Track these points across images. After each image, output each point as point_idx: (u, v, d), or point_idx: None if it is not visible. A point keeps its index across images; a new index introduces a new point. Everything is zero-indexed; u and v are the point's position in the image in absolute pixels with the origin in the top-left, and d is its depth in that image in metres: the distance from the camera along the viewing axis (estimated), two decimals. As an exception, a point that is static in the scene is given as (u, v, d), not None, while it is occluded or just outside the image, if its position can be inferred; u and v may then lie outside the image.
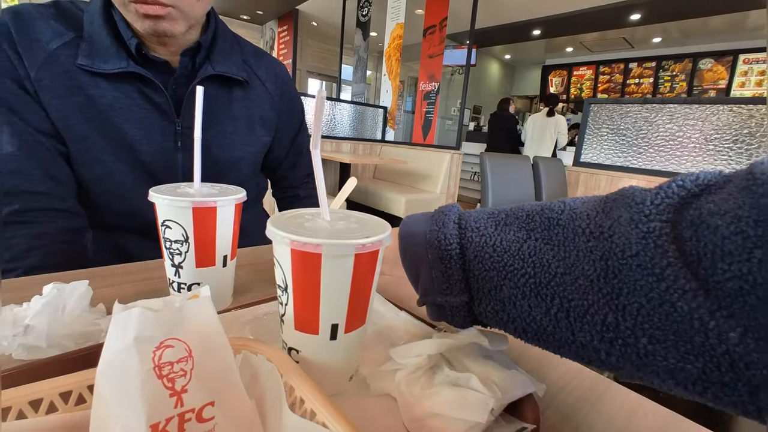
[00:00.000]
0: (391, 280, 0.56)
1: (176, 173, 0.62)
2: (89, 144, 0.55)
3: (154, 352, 0.20)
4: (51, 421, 0.20)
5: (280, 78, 0.73)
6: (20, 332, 0.29)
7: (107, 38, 0.53)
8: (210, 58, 0.61)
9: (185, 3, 0.53)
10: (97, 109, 0.54)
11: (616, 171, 2.24)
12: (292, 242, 0.24)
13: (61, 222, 0.55)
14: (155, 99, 0.57)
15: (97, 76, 0.54)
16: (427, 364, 0.31)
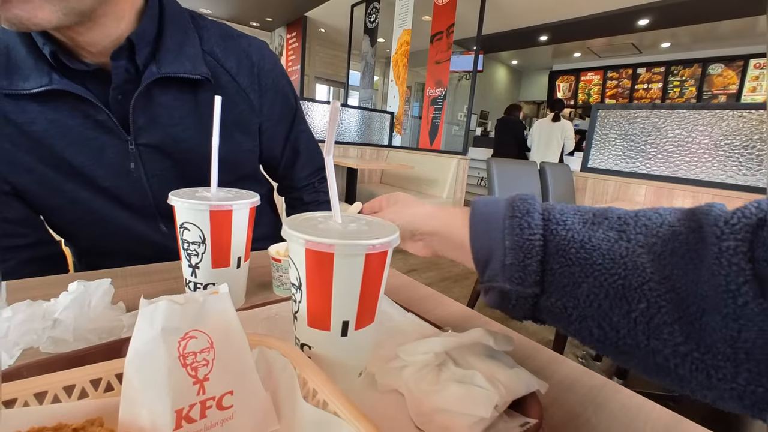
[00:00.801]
0: (403, 283, 0.57)
1: (145, 194, 0.56)
2: (38, 176, 0.50)
3: (179, 343, 0.22)
4: (84, 406, 0.22)
5: (257, 67, 0.60)
6: (49, 326, 0.30)
7: (23, 48, 0.44)
8: (155, 55, 0.49)
9: None
10: (31, 138, 0.47)
11: (624, 177, 2.23)
12: (306, 242, 0.25)
13: (25, 255, 0.54)
14: (96, 117, 0.48)
15: (21, 99, 0.46)
16: (434, 362, 0.32)
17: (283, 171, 0.75)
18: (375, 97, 5.09)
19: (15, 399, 0.21)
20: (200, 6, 5.83)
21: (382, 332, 0.39)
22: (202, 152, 0.55)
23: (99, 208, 0.55)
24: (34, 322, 0.30)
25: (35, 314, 0.30)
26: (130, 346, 0.22)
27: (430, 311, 0.48)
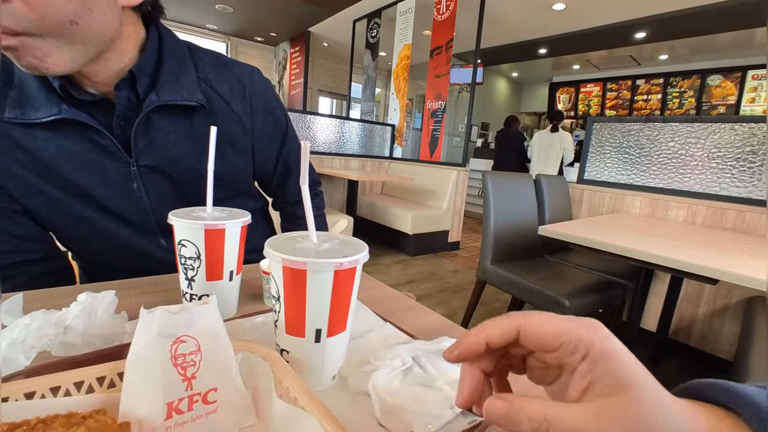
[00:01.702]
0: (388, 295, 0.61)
1: (146, 212, 0.60)
2: (48, 198, 0.54)
3: (171, 346, 0.26)
4: (91, 399, 0.26)
5: (248, 91, 0.64)
6: (61, 332, 0.34)
7: (35, 81, 0.49)
8: (155, 85, 0.53)
9: (48, 28, 0.41)
10: (42, 163, 0.51)
11: (620, 189, 2.26)
12: (283, 260, 0.29)
13: (35, 269, 0.58)
14: (101, 142, 0.52)
15: (32, 128, 0.49)
16: (401, 367, 0.36)
17: (275, 187, 0.78)
18: (377, 109, 5.18)
19: (34, 392, 0.25)
20: (207, 22, 5.98)
21: (359, 340, 0.43)
22: (197, 171, 0.60)
23: (103, 225, 0.59)
24: (48, 329, 0.34)
25: (49, 322, 0.34)
26: (130, 348, 0.26)
27: (408, 321, 0.51)
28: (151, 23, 0.56)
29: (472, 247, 3.90)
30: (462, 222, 3.74)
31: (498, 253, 1.77)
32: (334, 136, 3.77)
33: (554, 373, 0.23)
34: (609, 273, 1.78)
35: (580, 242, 1.22)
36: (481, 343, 0.23)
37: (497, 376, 0.25)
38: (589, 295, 1.50)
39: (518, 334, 0.22)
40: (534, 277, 1.61)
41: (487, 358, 0.24)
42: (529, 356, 0.24)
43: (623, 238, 1.26)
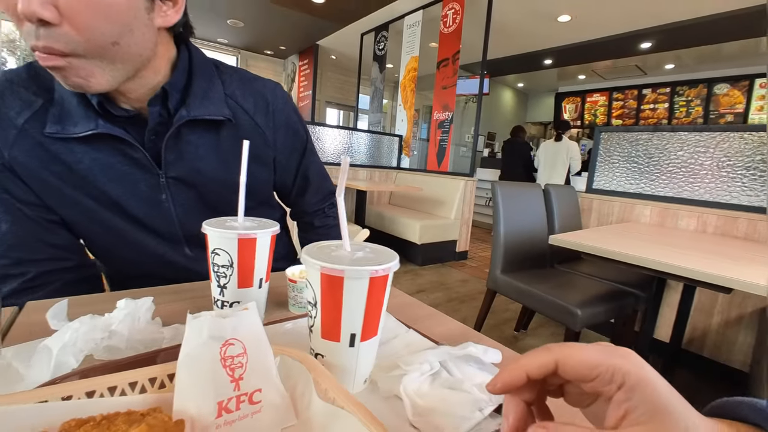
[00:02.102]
0: (408, 303, 0.62)
1: (172, 222, 0.63)
2: (83, 208, 0.57)
3: (221, 348, 0.28)
4: (145, 398, 0.27)
5: (271, 106, 0.67)
6: (106, 336, 0.36)
7: (74, 98, 0.51)
8: (185, 100, 0.56)
9: (92, 49, 0.44)
10: (78, 175, 0.54)
11: (629, 198, 2.26)
12: (322, 267, 0.31)
13: (69, 276, 0.60)
14: (133, 155, 0.55)
15: (70, 142, 0.52)
16: (429, 371, 0.37)
17: (294, 198, 0.81)
18: (384, 119, 5.24)
19: (94, 391, 0.27)
20: (218, 36, 6.13)
21: (385, 346, 0.44)
22: (222, 182, 0.63)
23: (132, 235, 0.62)
24: (95, 333, 0.36)
25: (96, 326, 0.36)
26: (181, 351, 0.28)
27: (430, 328, 0.52)
28: (181, 42, 0.59)
29: (481, 257, 3.89)
30: (470, 231, 3.74)
31: (508, 263, 1.77)
32: (342, 147, 3.82)
33: (591, 398, 0.24)
34: (620, 282, 1.77)
35: (592, 251, 1.22)
36: (522, 377, 0.24)
37: (537, 402, 0.26)
38: (600, 305, 1.50)
39: (556, 366, 0.23)
40: (544, 286, 1.60)
41: (528, 389, 0.25)
42: (567, 383, 0.25)
43: (635, 247, 1.27)
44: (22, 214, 0.54)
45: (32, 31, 0.40)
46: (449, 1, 3.76)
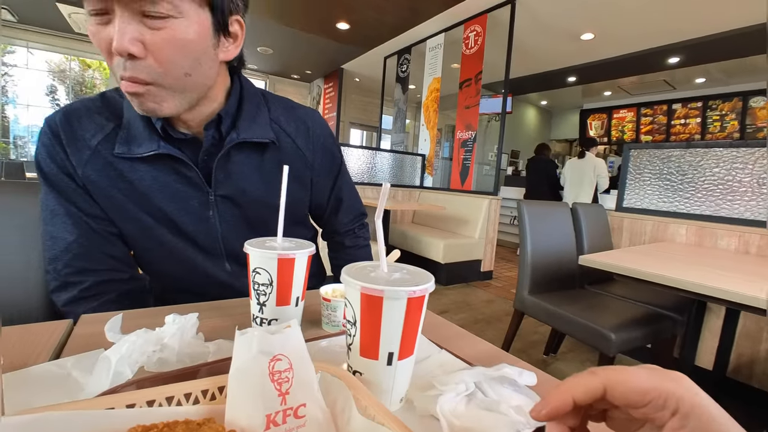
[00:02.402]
0: (437, 323, 0.63)
1: (216, 238, 0.67)
2: (141, 223, 0.62)
3: (269, 363, 0.29)
4: (198, 409, 0.29)
5: (311, 131, 0.73)
6: (158, 349, 0.39)
7: (140, 122, 0.58)
8: (236, 125, 0.62)
9: (169, 79, 0.50)
10: (139, 192, 0.60)
11: (662, 216, 2.18)
12: (362, 287, 0.33)
13: (123, 288, 0.64)
14: (187, 174, 0.61)
15: (135, 161, 0.58)
16: (465, 391, 0.37)
17: (327, 217, 0.85)
18: (406, 139, 5.31)
19: (154, 400, 0.29)
20: (248, 62, 6.45)
21: (418, 365, 0.45)
22: (262, 202, 0.68)
23: (180, 250, 0.66)
24: (148, 346, 0.38)
25: (149, 339, 0.39)
26: (232, 364, 0.30)
27: (461, 349, 0.53)
28: (234, 74, 0.66)
29: (506, 277, 3.81)
30: (495, 251, 3.69)
31: (536, 284, 1.73)
32: (366, 167, 3.88)
33: (638, 424, 0.23)
34: (656, 305, 1.70)
35: (626, 273, 1.18)
36: (569, 402, 0.23)
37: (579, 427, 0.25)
38: (635, 329, 1.43)
39: (605, 391, 0.23)
40: (575, 308, 1.56)
41: (572, 415, 0.24)
42: (612, 408, 0.24)
43: (672, 267, 1.22)
44: (88, 227, 0.60)
45: (121, 63, 0.48)
46: (471, 24, 3.84)
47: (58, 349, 0.46)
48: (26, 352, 0.44)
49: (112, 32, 0.46)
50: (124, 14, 0.45)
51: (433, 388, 0.38)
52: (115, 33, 0.45)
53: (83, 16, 4.36)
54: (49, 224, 0.59)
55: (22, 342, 0.46)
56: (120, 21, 0.45)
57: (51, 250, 0.59)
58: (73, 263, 0.59)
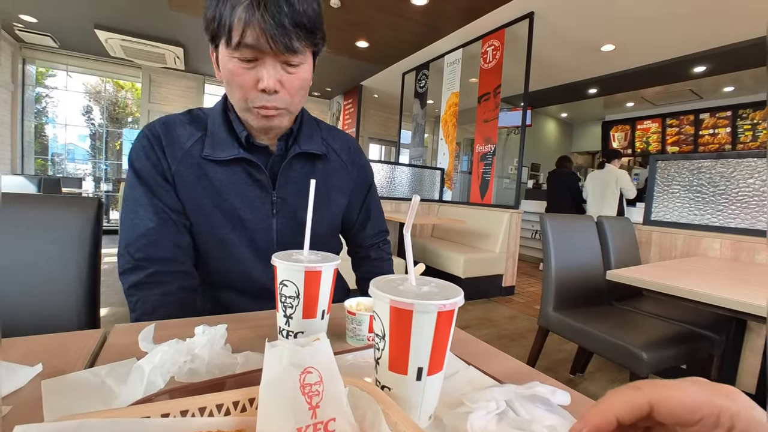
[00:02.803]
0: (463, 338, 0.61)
1: (272, 235, 0.74)
2: (212, 218, 0.70)
3: (300, 376, 0.29)
4: (229, 420, 0.29)
5: (351, 149, 0.85)
6: (189, 359, 0.39)
7: (224, 132, 0.69)
8: (297, 139, 0.74)
9: (292, 105, 0.67)
10: (216, 189, 0.69)
11: (694, 230, 2.09)
12: (391, 301, 0.32)
13: (181, 281, 0.69)
14: (257, 176, 0.71)
15: (216, 163, 0.69)
16: (496, 410, 0.36)
17: (355, 231, 0.91)
18: (425, 153, 5.33)
19: (187, 410, 0.29)
20: (270, 82, 6.65)
21: (446, 382, 0.44)
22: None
23: (238, 250, 0.73)
24: (179, 356, 0.39)
25: (180, 350, 0.39)
26: (262, 376, 0.30)
27: (489, 366, 0.51)
28: None
29: (528, 292, 3.72)
30: (516, 266, 3.61)
31: (560, 300, 1.68)
32: (385, 181, 3.91)
33: None
34: (690, 323, 1.61)
35: (658, 288, 1.13)
36: (612, 421, 0.22)
37: None
38: (669, 348, 1.37)
39: (651, 408, 0.21)
40: (603, 325, 1.50)
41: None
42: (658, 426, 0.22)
43: (706, 283, 1.16)
44: (166, 216, 0.68)
45: (261, 96, 0.62)
46: (489, 39, 3.87)
47: (92, 357, 0.47)
48: (63, 359, 0.46)
49: (256, 74, 0.60)
50: (274, 63, 0.60)
51: (463, 406, 0.37)
52: (265, 76, 0.60)
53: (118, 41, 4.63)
54: (131, 212, 0.67)
55: (58, 350, 0.48)
56: (269, 68, 0.60)
57: (128, 234, 0.67)
58: (146, 249, 0.66)
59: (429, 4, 3.47)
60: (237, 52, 0.58)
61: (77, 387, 0.39)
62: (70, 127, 6.19)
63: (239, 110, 0.67)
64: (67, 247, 0.72)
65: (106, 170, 6.47)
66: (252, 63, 0.59)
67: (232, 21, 0.56)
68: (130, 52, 5.12)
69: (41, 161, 6.02)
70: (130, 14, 4.18)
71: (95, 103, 6.46)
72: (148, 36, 4.75)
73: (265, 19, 0.55)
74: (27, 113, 5.53)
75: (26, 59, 5.43)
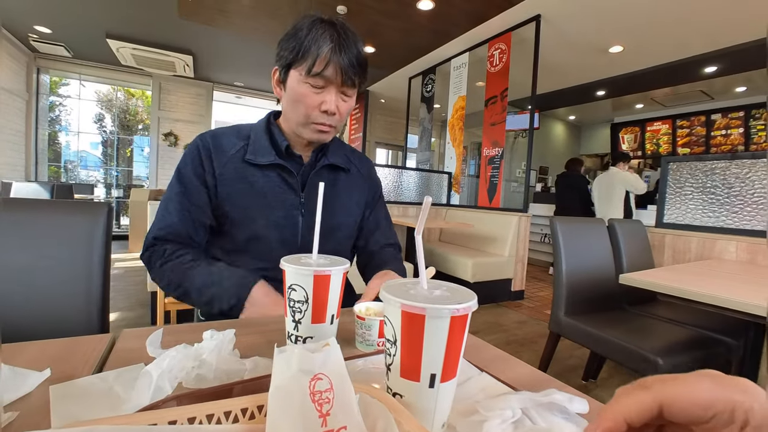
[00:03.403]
0: (474, 344, 0.60)
1: (297, 232, 0.83)
2: (249, 213, 0.80)
3: (310, 382, 0.28)
4: (234, 428, 0.29)
5: (367, 167, 0.98)
6: (197, 365, 0.39)
7: (265, 142, 0.81)
8: (326, 153, 0.86)
9: (339, 124, 0.80)
10: (254, 189, 0.80)
11: (708, 232, 2.05)
12: (402, 305, 0.31)
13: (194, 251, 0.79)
14: (289, 181, 0.81)
15: (255, 167, 0.80)
16: (511, 418, 0.35)
17: (362, 240, 0.96)
18: (432, 158, 5.31)
19: (195, 417, 0.28)
20: (277, 88, 6.71)
21: (459, 389, 0.43)
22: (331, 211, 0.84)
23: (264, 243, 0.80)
24: (187, 361, 0.38)
25: (189, 354, 0.39)
26: (271, 383, 0.29)
27: (502, 372, 0.50)
28: None
29: (538, 297, 3.67)
30: (525, 270, 3.57)
31: (572, 304, 1.65)
32: (392, 185, 3.90)
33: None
34: (705, 328, 1.57)
35: (673, 292, 1.11)
36: (622, 426, 0.21)
37: None
38: (684, 353, 1.33)
39: (660, 409, 0.20)
40: (616, 330, 1.47)
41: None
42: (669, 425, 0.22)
43: (723, 287, 1.13)
44: (189, 215, 0.78)
45: (322, 116, 0.75)
46: (495, 42, 3.86)
47: (101, 362, 0.47)
48: (72, 364, 0.45)
49: (321, 98, 0.74)
50: (336, 92, 0.74)
51: (477, 414, 0.36)
52: (329, 101, 0.74)
53: (129, 50, 4.72)
54: (164, 206, 0.79)
55: (66, 354, 0.48)
56: (333, 95, 0.74)
57: (161, 218, 0.78)
58: (166, 233, 0.77)
59: (435, 9, 3.48)
60: (311, 80, 0.72)
61: (85, 392, 0.38)
62: (82, 135, 6.31)
63: (297, 124, 0.78)
64: (77, 250, 0.73)
65: (117, 177, 6.57)
66: (320, 89, 0.73)
67: (318, 56, 0.70)
68: (140, 61, 5.21)
69: (54, 168, 6.13)
70: (141, 23, 4.25)
71: (107, 110, 6.57)
72: (158, 44, 4.82)
73: (343, 60, 0.71)
74: (41, 121, 5.64)
75: (40, 69, 5.55)
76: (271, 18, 3.85)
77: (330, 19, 0.74)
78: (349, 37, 0.73)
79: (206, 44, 4.80)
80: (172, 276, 0.74)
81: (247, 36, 4.31)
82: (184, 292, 0.73)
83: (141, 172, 6.75)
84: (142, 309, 2.72)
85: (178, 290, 0.74)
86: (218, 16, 3.89)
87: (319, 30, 0.71)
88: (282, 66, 0.75)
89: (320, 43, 0.70)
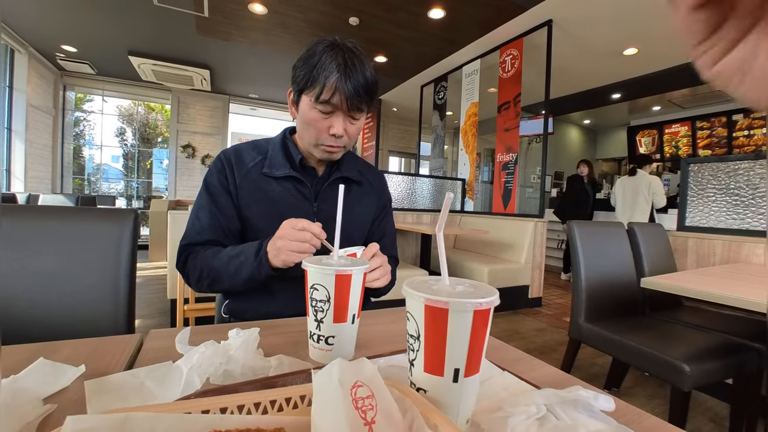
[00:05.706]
0: (496, 345, 0.60)
1: None
2: (263, 221, 0.84)
3: (351, 390, 0.29)
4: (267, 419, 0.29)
5: (379, 181, 1.02)
6: (224, 361, 0.40)
7: (281, 157, 0.86)
8: (339, 167, 0.90)
9: (348, 144, 0.84)
10: (270, 198, 0.84)
11: (734, 235, 1.99)
12: (426, 300, 0.32)
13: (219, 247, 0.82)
14: (303, 191, 0.86)
15: (272, 179, 0.84)
16: (536, 414, 0.35)
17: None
18: (445, 165, 5.31)
19: (227, 407, 0.29)
20: (291, 99, 6.84)
21: (481, 386, 0.43)
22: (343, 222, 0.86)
23: None
24: (216, 358, 0.39)
25: (217, 351, 0.40)
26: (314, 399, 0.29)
27: (525, 372, 0.50)
28: None
29: (556, 304, 3.60)
30: (543, 276, 3.51)
31: (592, 310, 1.61)
32: (406, 193, 3.91)
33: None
34: (734, 334, 1.52)
35: (700, 296, 1.08)
36: None
37: None
38: (712, 360, 1.28)
39: None
40: (640, 337, 1.43)
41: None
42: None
43: (754, 291, 1.10)
44: (217, 220, 0.83)
45: (330, 138, 0.78)
46: (507, 48, 3.86)
47: (131, 360, 0.48)
48: (104, 362, 0.47)
49: (329, 122, 0.77)
50: (344, 116, 0.77)
51: (501, 410, 0.36)
52: (336, 125, 0.77)
53: (149, 66, 4.90)
54: (196, 213, 0.84)
55: (98, 353, 0.50)
56: (340, 119, 0.77)
57: (191, 226, 0.84)
58: (197, 238, 0.83)
59: (446, 17, 3.51)
60: (320, 105, 0.75)
61: (118, 387, 0.40)
62: (105, 148, 6.53)
63: (308, 145, 0.83)
64: (106, 255, 0.76)
65: (137, 188, 6.76)
66: (328, 114, 0.77)
67: (325, 84, 0.73)
68: (160, 76, 5.39)
69: (78, 180, 6.35)
70: (161, 40, 4.41)
71: (128, 124, 6.80)
72: (177, 60, 4.99)
73: (349, 88, 0.73)
74: (66, 136, 5.87)
75: (66, 86, 5.80)
76: (284, 31, 3.95)
77: (342, 43, 0.76)
78: (356, 65, 0.74)
79: (222, 58, 4.94)
80: (202, 266, 0.78)
81: (260, 49, 4.43)
82: (215, 275, 0.77)
83: (160, 183, 6.93)
84: (162, 317, 2.78)
85: (209, 276, 0.77)
86: (234, 31, 4.00)
87: (329, 57, 0.73)
88: (295, 90, 0.80)
89: (327, 72, 0.73)
